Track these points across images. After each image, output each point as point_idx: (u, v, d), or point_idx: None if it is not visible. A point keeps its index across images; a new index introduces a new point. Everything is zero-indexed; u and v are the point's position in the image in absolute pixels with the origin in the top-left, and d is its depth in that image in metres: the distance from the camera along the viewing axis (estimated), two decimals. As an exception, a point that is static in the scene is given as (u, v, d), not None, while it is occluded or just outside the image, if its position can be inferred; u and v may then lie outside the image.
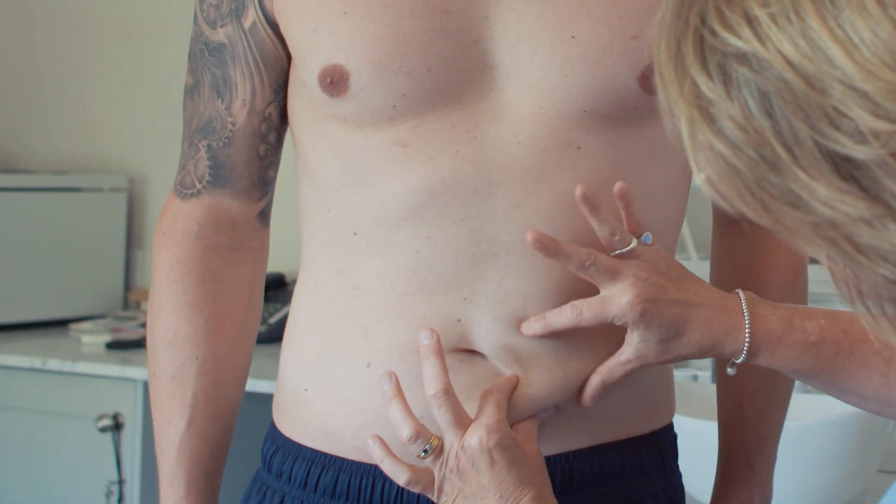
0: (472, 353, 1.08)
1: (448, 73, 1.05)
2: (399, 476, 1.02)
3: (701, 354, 1.03)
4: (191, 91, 1.20)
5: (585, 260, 1.02)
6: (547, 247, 1.02)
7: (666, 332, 1.02)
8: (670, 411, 1.20)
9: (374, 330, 1.09)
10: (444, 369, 1.02)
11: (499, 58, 1.06)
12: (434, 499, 1.03)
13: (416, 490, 1.03)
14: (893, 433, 1.90)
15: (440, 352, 1.02)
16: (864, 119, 0.60)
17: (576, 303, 1.03)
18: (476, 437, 1.00)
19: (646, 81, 1.05)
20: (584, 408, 1.07)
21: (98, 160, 3.44)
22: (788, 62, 0.62)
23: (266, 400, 2.12)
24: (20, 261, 3.05)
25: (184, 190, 1.20)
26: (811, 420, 1.77)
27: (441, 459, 1.02)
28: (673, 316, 1.02)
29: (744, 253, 1.25)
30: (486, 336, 1.07)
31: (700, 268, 1.16)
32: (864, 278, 0.65)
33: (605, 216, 1.03)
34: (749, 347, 1.02)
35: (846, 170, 0.62)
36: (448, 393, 1.01)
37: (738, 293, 1.04)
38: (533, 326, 1.06)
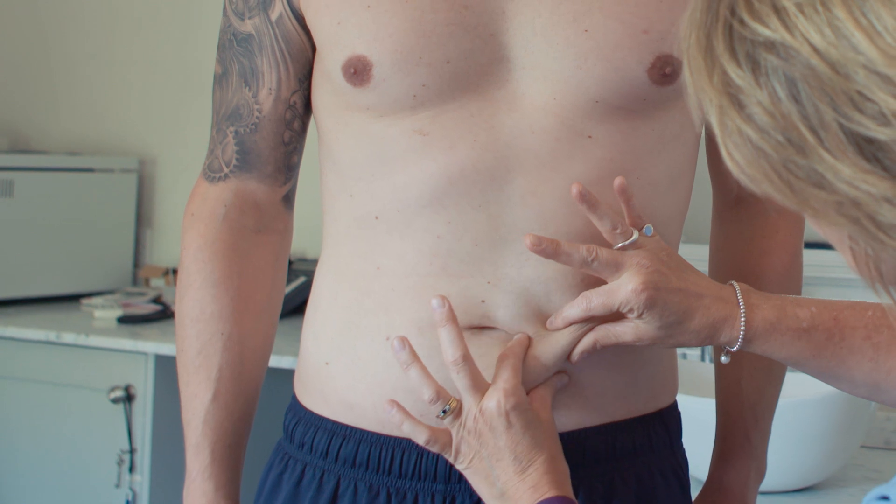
0: (491, 328, 1.10)
1: (466, 64, 1.08)
2: (419, 436, 1.04)
3: (699, 342, 1.05)
4: (220, 80, 1.22)
5: (587, 256, 1.04)
6: (546, 249, 1.04)
7: (668, 319, 1.04)
8: (675, 389, 1.23)
9: (394, 307, 1.11)
10: (461, 336, 1.03)
11: (514, 51, 1.08)
12: (451, 460, 1.05)
13: (434, 449, 1.05)
14: (876, 411, 1.93)
15: (454, 318, 1.04)
16: (886, 102, 0.63)
17: (586, 293, 1.06)
18: (494, 400, 1.02)
19: (655, 73, 1.08)
20: (571, 363, 1.09)
21: (109, 142, 3.47)
22: (815, 49, 0.64)
23: (279, 374, 2.17)
24: (35, 237, 3.08)
25: (212, 174, 1.23)
26: (797, 398, 1.78)
27: (459, 421, 1.04)
28: (675, 304, 1.03)
29: (743, 238, 1.28)
30: (509, 319, 1.09)
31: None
32: (885, 257, 0.67)
33: (605, 211, 1.05)
34: (744, 336, 1.04)
35: (869, 151, 0.64)
36: (466, 358, 1.03)
37: (732, 284, 1.07)
38: (555, 322, 1.08)
